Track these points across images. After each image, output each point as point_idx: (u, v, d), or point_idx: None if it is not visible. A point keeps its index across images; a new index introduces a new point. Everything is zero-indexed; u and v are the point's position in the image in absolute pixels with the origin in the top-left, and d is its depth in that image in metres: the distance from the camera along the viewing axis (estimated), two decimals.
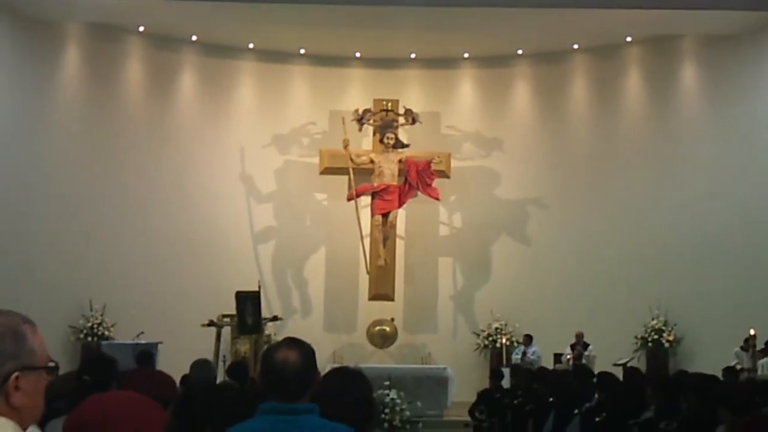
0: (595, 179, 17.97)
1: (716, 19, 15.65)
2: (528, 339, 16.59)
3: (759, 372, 13.65)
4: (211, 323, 14.66)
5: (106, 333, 16.31)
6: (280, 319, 16.18)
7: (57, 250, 16.15)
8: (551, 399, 9.36)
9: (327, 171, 17.82)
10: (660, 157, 17.47)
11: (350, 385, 4.65)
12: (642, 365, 15.66)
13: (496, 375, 13.09)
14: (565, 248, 17.85)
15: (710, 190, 16.59)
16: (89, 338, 16.24)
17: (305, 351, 4.34)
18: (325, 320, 18.16)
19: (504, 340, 17.08)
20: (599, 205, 17.83)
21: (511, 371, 12.91)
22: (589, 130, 18.34)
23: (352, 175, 17.17)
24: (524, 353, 16.34)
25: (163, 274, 17.11)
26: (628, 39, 17.61)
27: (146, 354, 10.00)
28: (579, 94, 18.51)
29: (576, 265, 17.65)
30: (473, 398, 12.56)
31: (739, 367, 13.41)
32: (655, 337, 16.75)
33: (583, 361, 15.26)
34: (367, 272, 17.39)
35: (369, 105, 17.81)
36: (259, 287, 15.12)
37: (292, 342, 4.41)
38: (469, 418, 12.29)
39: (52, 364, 3.32)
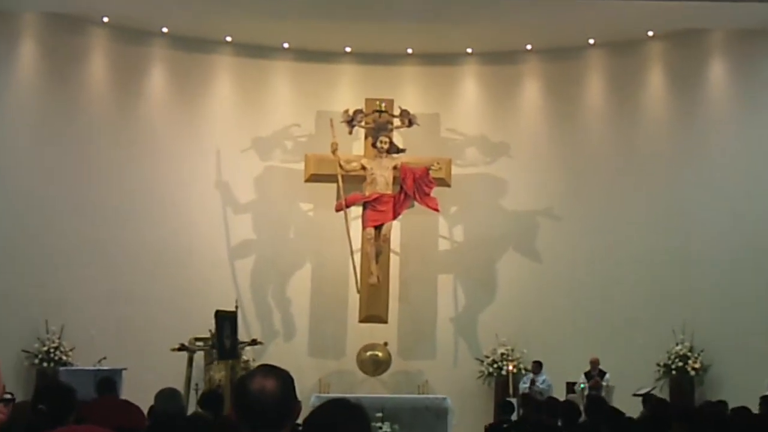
0: (612, 187, 17.97)
1: (747, 12, 15.67)
2: (537, 366, 16.57)
3: None
4: (182, 347, 14.62)
5: (64, 358, 16.24)
6: (260, 343, 16.10)
7: (7, 264, 16.03)
8: None
9: (313, 178, 17.76)
10: (685, 162, 17.51)
11: (347, 421, 4.59)
12: (665, 396, 15.64)
13: (505, 408, 13.03)
14: (579, 265, 17.81)
15: (742, 199, 16.60)
16: (45, 364, 16.16)
17: (283, 378, 4.33)
18: (310, 344, 18.10)
19: (510, 368, 17.07)
20: (617, 217, 17.81)
21: (519, 402, 12.81)
22: (606, 133, 18.35)
23: (341, 183, 17.10)
24: (533, 382, 16.32)
25: (128, 292, 17.06)
26: (650, 33, 17.65)
27: (108, 382, 9.98)
28: (595, 94, 18.52)
29: (591, 283, 17.63)
30: None
31: None
32: (680, 364, 16.76)
33: (602, 393, 15.21)
34: (358, 291, 17.32)
35: (360, 105, 17.78)
36: (236, 307, 15.07)
37: (269, 369, 4.40)
38: None
39: (8, 396, 3.20)
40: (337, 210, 17.18)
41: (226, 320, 14.50)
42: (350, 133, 17.67)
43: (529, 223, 18.31)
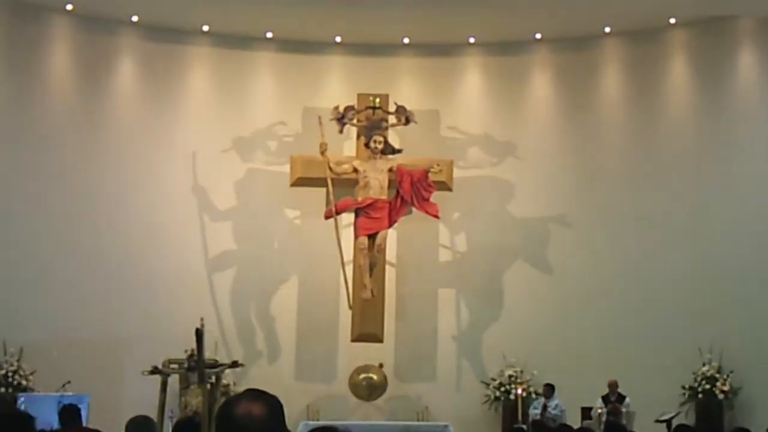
0: (631, 191, 17.97)
1: None
2: (549, 389, 16.58)
3: None
4: (155, 370, 14.41)
5: (24, 383, 16.17)
6: (241, 365, 15.68)
7: None
8: None
9: (300, 182, 17.74)
10: (713, 162, 17.55)
11: None
12: (690, 421, 15.65)
13: None
14: (594, 277, 17.80)
15: None
16: (2, 389, 16.07)
17: (272, 404, 4.31)
18: (297, 366, 18.09)
19: (520, 391, 17.04)
20: (637, 224, 17.81)
21: (529, 429, 12.77)
22: (625, 130, 18.34)
23: (331, 188, 17.06)
24: (545, 407, 16.31)
25: (95, 310, 17.03)
26: (672, 21, 17.71)
27: (73, 410, 9.89)
28: (611, 88, 18.52)
29: (608, 298, 17.62)
30: None
31: None
32: (707, 386, 16.77)
33: (622, 420, 15.20)
34: (350, 307, 17.28)
35: (352, 101, 17.78)
36: (202, 325, 14.64)
37: (256, 394, 4.38)
38: None
39: None
40: (327, 217, 17.09)
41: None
42: (341, 132, 17.63)
43: (539, 231, 18.28)
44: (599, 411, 15.98)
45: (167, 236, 17.80)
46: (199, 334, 13.19)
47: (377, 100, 17.70)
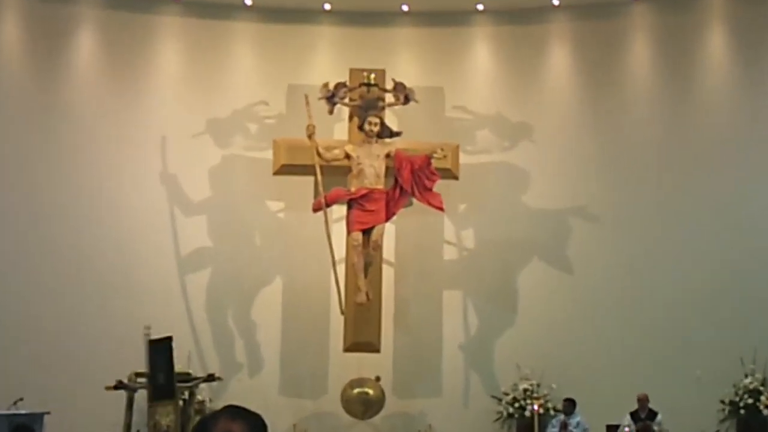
0: (662, 180, 18.00)
1: None
2: (570, 405, 16.64)
3: None
4: (119, 385, 14.69)
5: None
6: (218, 378, 16.15)
7: None
8: None
9: (284, 170, 17.69)
10: (754, 148, 17.53)
11: None
12: None
13: None
14: (620, 277, 17.81)
15: None
16: None
17: (253, 423, 4.30)
18: (282, 380, 18.10)
19: (536, 407, 16.99)
20: (669, 217, 17.85)
21: None
22: (655, 111, 18.32)
23: (319, 176, 16.97)
24: (565, 425, 16.38)
25: (52, 316, 17.04)
26: None
27: (25, 429, 9.80)
28: (640, 61, 18.50)
29: (636, 300, 17.66)
30: None
31: None
32: (750, 401, 16.75)
33: None
34: (342, 312, 17.17)
35: (344, 77, 17.73)
36: (146, 334, 15.00)
37: (237, 411, 4.37)
38: None
39: None
40: (315, 210, 17.03)
41: (161, 351, 14.58)
42: (331, 112, 17.58)
43: (557, 225, 18.26)
44: (627, 429, 16.00)
45: (133, 232, 17.79)
46: (152, 345, 13.26)
47: (372, 76, 17.66)
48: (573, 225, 18.22)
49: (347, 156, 17.26)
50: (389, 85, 17.69)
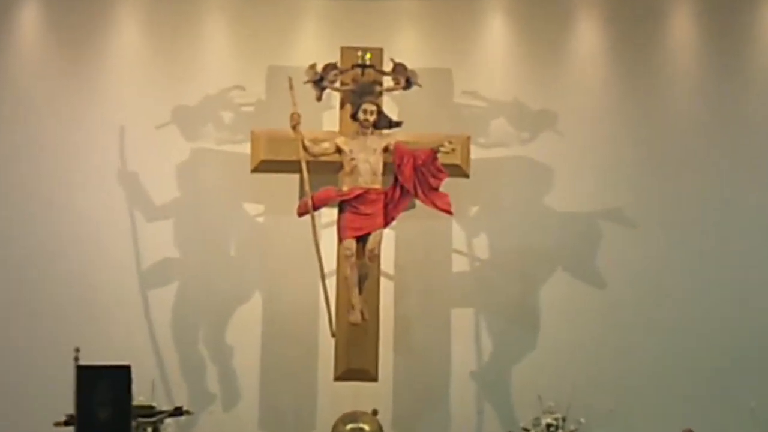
0: (710, 179, 17.85)
1: None
2: None
3: None
4: (70, 420, 14.71)
5: None
6: (187, 412, 16.05)
7: None
8: None
9: (264, 167, 17.25)
10: None
11: None
12: None
13: None
14: (660, 291, 17.66)
15: None
16: None
17: None
18: (261, 413, 17.75)
19: None
20: (721, 221, 17.72)
21: None
22: (702, 97, 18.10)
23: (306, 174, 16.55)
24: None
25: None
26: None
27: None
28: (683, 35, 18.24)
29: (680, 320, 17.53)
30: None
31: None
32: None
33: None
34: (333, 334, 16.75)
35: (334, 58, 17.31)
36: (76, 357, 14.67)
37: None
38: None
39: None
40: (301, 214, 16.62)
41: (102, 379, 14.47)
42: (319, 99, 17.14)
43: (586, 231, 17.97)
44: None
45: (84, 240, 17.51)
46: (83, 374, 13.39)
47: (368, 56, 17.23)
48: (605, 231, 17.93)
49: (338, 150, 16.84)
50: (388, 67, 17.28)
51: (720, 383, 17.00)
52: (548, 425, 16.96)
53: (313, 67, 16.98)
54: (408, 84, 17.13)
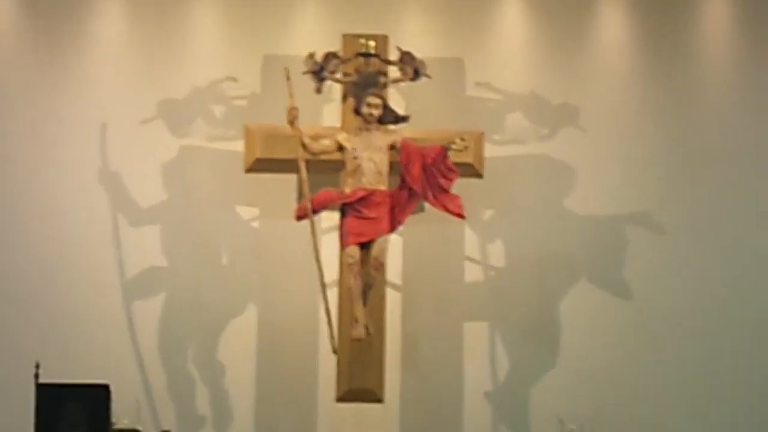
0: (749, 178, 17.68)
1: None
2: None
3: None
4: None
5: None
6: None
7: None
8: None
9: (259, 166, 17.05)
10: None
11: None
12: None
13: None
14: (695, 304, 17.44)
15: None
16: None
17: None
18: None
19: None
20: (758, 224, 17.59)
21: None
22: (739, 87, 17.91)
23: (304, 174, 16.26)
24: None
25: None
26: None
27: None
28: (718, 22, 18.05)
29: (717, 336, 17.33)
30: None
31: None
32: None
33: None
34: (334, 351, 16.46)
35: (336, 46, 17.06)
36: (36, 375, 14.73)
37: None
38: None
39: None
40: (299, 218, 16.35)
41: (73, 399, 14.52)
42: (319, 91, 16.82)
43: (612, 237, 17.75)
44: None
45: (62, 247, 17.32)
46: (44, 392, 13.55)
47: (372, 44, 16.95)
48: (632, 236, 17.72)
49: (340, 147, 16.54)
50: (394, 56, 17.04)
51: (762, 406, 17.02)
52: None
53: (312, 56, 16.70)
54: (416, 75, 16.89)
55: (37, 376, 14.63)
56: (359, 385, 16.61)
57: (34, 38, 17.64)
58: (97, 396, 14.43)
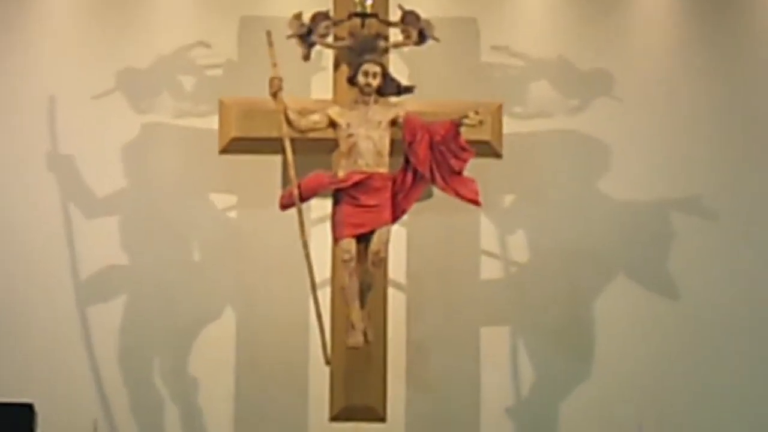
0: None
1: None
2: None
3: None
4: None
5: None
6: None
7: None
8: None
9: (236, 146, 16.77)
10: None
11: None
12: None
13: None
14: (750, 303, 17.16)
15: None
16: None
17: None
18: None
19: None
20: None
21: None
22: None
23: (290, 156, 15.92)
24: None
25: None
26: None
27: None
28: None
29: None
30: None
31: None
32: None
33: None
34: (327, 362, 16.12)
35: (326, 5, 16.81)
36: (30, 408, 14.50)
37: None
38: None
39: None
40: (284, 206, 15.99)
41: None
42: (306, 58, 16.53)
43: (653, 226, 17.51)
44: None
45: (5, 244, 17.13)
46: None
47: (369, 2, 16.65)
48: (678, 226, 17.47)
49: (332, 123, 16.19)
50: (395, 16, 16.74)
51: None
52: None
53: (298, 17, 16.39)
54: (421, 38, 16.57)
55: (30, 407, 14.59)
56: (357, 402, 16.33)
57: None
58: (20, 417, 14.35)
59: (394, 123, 16.04)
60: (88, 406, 16.37)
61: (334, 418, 16.44)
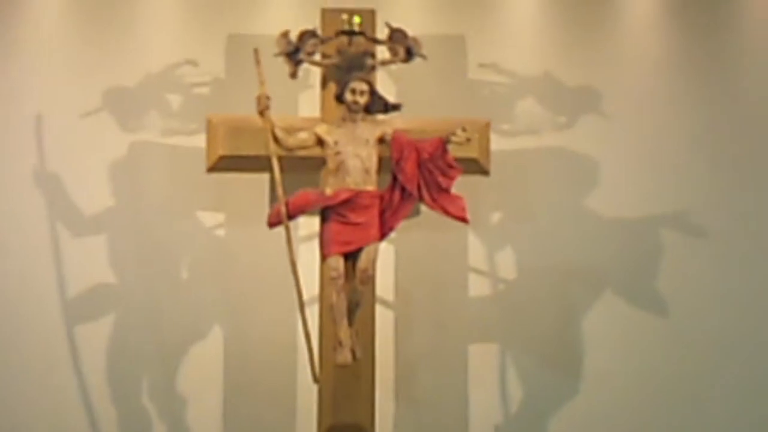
0: None
1: None
2: None
3: None
4: None
5: None
6: None
7: None
8: None
9: (224, 164, 16.79)
10: None
11: None
12: None
13: None
14: (742, 321, 17.21)
15: None
16: None
17: None
18: None
19: None
20: None
21: None
22: None
23: (278, 174, 15.96)
24: None
25: None
26: None
27: None
28: None
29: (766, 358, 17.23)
30: None
31: None
32: None
33: None
34: (315, 380, 16.11)
35: (314, 23, 16.82)
36: None
37: None
38: None
39: None
40: (272, 224, 16.03)
41: None
42: (294, 75, 16.59)
43: (642, 243, 17.55)
44: None
45: None
46: None
47: (356, 20, 16.75)
48: (667, 242, 17.52)
49: (320, 142, 16.25)
50: (382, 34, 16.80)
51: None
52: None
53: (285, 35, 16.46)
54: (409, 55, 16.63)
55: None
56: (345, 420, 16.31)
57: None
58: None
59: (381, 140, 16.13)
60: (75, 424, 16.41)
61: None
